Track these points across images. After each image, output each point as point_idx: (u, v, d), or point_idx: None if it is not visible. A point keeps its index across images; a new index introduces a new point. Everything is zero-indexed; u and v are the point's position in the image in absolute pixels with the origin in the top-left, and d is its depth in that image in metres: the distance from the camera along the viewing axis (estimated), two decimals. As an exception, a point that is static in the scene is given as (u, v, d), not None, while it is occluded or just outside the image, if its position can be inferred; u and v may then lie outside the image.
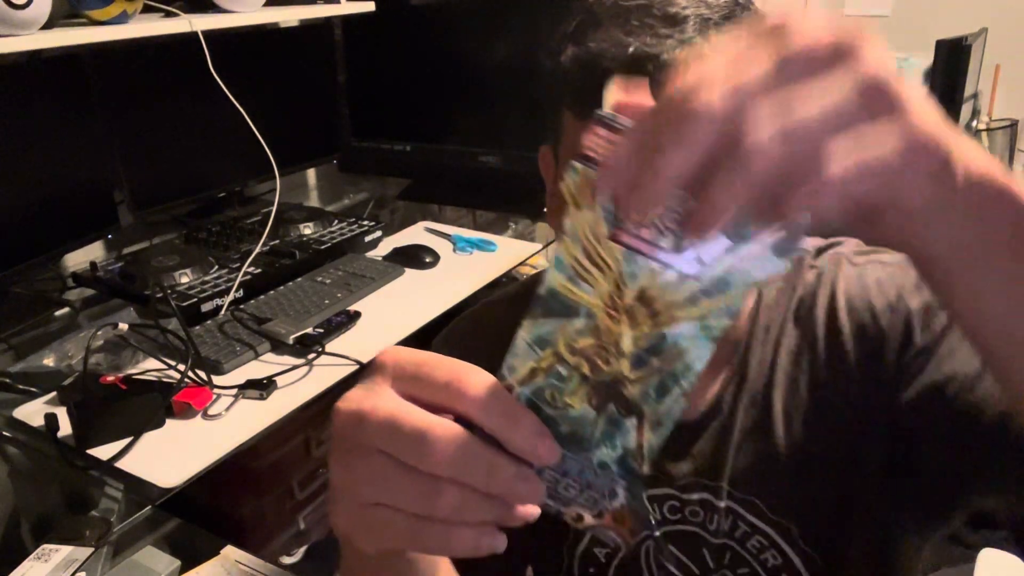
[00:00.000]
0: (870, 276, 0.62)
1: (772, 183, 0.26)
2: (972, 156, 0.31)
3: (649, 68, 0.51)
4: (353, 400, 0.34)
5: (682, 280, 0.30)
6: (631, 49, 0.52)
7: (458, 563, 0.52)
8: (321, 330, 1.31)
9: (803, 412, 0.62)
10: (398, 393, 0.34)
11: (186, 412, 1.10)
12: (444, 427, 0.32)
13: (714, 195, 0.27)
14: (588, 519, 0.35)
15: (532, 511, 0.33)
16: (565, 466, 0.34)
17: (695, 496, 0.64)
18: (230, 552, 0.91)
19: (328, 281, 1.49)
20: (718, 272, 0.30)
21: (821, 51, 0.27)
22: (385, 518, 0.33)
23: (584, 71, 0.54)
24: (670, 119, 0.27)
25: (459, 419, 0.32)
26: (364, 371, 0.34)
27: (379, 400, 0.33)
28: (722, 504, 0.63)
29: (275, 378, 1.18)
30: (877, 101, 0.27)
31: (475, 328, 0.75)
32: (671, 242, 0.30)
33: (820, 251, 0.67)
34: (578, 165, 0.30)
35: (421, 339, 1.34)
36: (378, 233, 1.73)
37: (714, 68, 0.27)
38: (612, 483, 0.34)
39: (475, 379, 0.32)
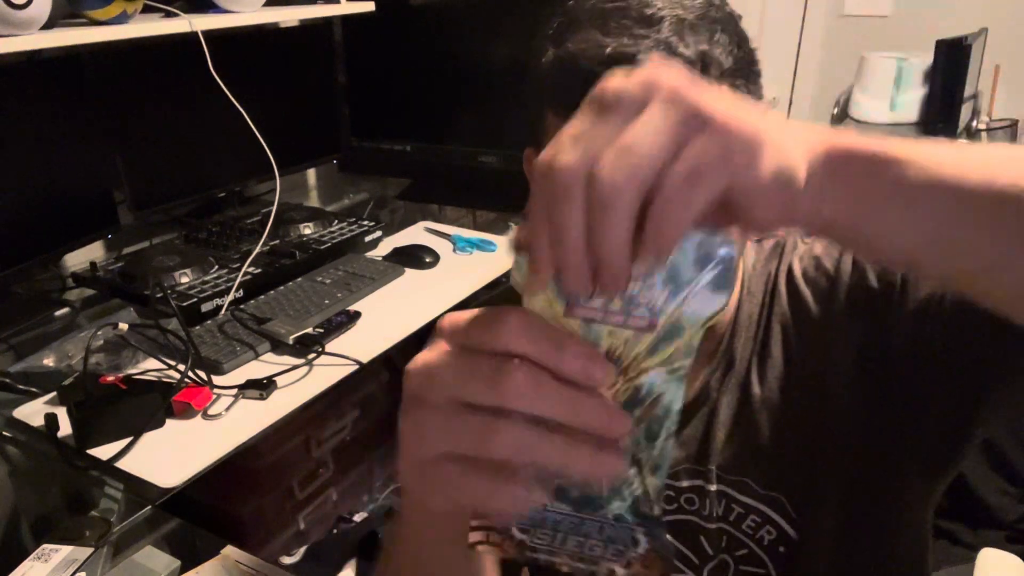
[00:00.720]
0: (817, 247, 0.65)
1: (633, 212, 0.30)
2: (800, 135, 0.33)
3: (626, 68, 0.52)
4: (420, 360, 0.36)
5: (639, 334, 0.33)
6: (608, 50, 0.53)
7: None
8: (321, 330, 1.31)
9: (778, 380, 0.64)
10: (457, 347, 0.35)
11: (186, 412, 1.10)
12: (515, 363, 0.32)
13: (598, 243, 0.30)
14: (620, 572, 0.36)
15: (613, 464, 0.33)
16: (585, 528, 0.35)
17: (687, 483, 0.65)
18: (230, 552, 0.91)
19: (328, 281, 1.49)
20: (669, 320, 0.32)
21: (631, 95, 0.31)
22: (455, 471, 0.34)
23: (563, 72, 0.55)
24: (546, 193, 0.31)
25: None
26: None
27: (445, 354, 0.35)
28: (713, 488, 0.64)
29: (275, 378, 1.18)
30: (688, 117, 0.30)
31: None
32: (620, 304, 0.32)
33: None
34: (522, 257, 0.33)
35: (421, 339, 1.33)
36: (378, 233, 1.73)
37: (563, 138, 0.32)
38: (631, 532, 0.35)
39: (514, 315, 0.33)
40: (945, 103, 2.26)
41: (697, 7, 0.55)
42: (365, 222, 1.73)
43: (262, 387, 1.15)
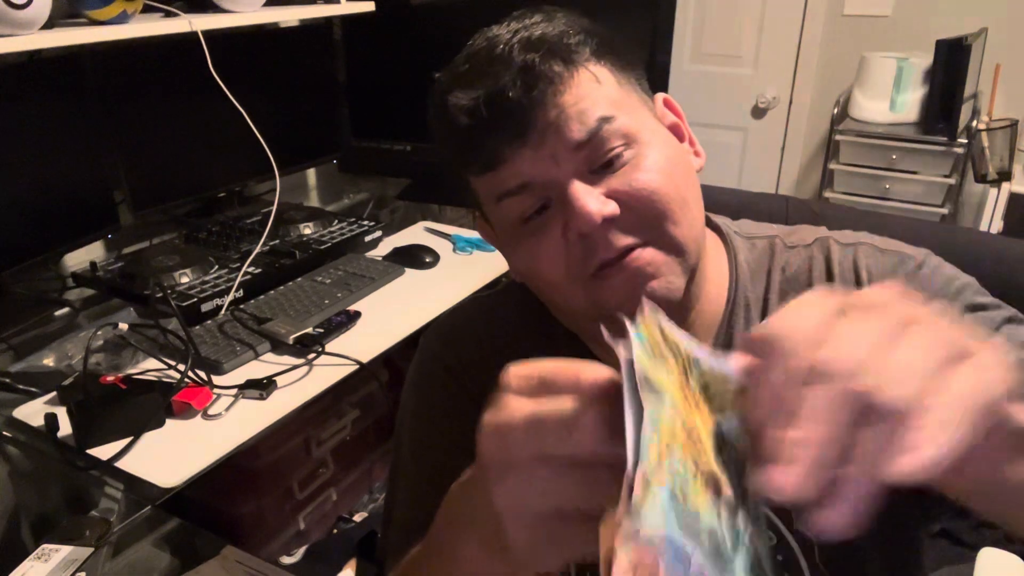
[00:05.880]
0: (862, 260, 0.64)
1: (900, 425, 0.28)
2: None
3: (492, 111, 0.56)
4: (488, 423, 0.36)
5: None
6: (473, 96, 0.56)
7: None
8: (321, 330, 1.31)
9: None
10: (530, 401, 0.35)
11: (186, 412, 1.10)
12: (585, 406, 0.33)
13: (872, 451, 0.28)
14: None
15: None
16: None
17: None
18: (230, 552, 0.91)
19: (328, 281, 1.49)
20: None
21: (905, 319, 0.30)
22: (566, 527, 0.34)
23: (449, 138, 0.59)
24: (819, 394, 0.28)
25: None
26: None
27: (511, 410, 0.35)
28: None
29: (275, 378, 1.18)
30: (957, 356, 0.29)
31: (466, 322, 0.75)
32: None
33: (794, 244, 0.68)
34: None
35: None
36: (378, 233, 1.73)
37: (843, 340, 0.29)
38: None
39: (591, 371, 0.34)
40: (945, 103, 2.26)
41: (539, 22, 0.59)
42: (365, 222, 1.73)
43: (262, 387, 1.15)
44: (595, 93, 0.57)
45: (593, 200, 0.55)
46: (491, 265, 1.63)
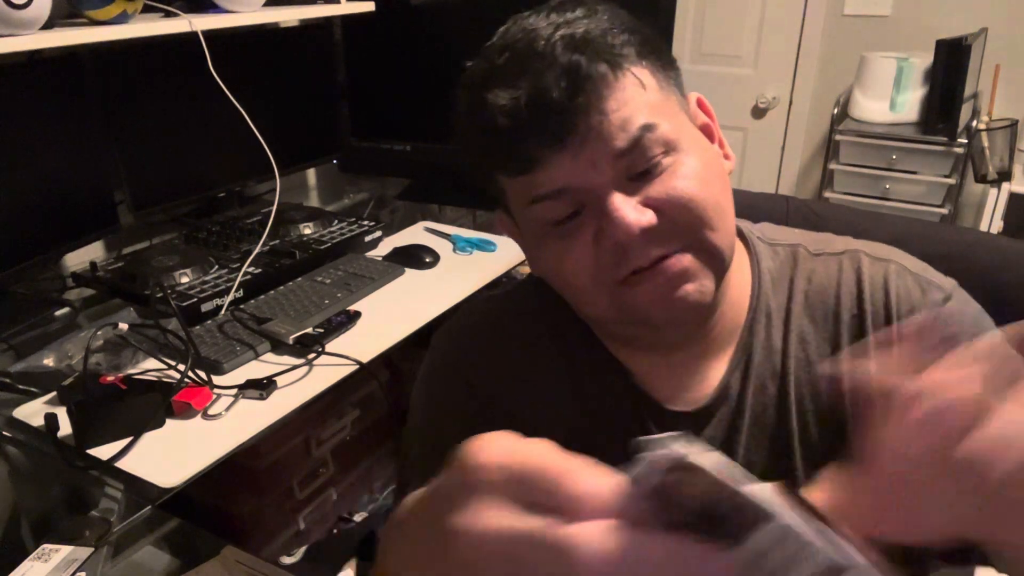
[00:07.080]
0: (892, 280, 0.64)
1: None
2: None
3: (534, 113, 0.54)
4: (469, 531, 0.31)
5: None
6: (509, 101, 0.55)
7: None
8: (321, 330, 1.31)
9: (816, 400, 0.63)
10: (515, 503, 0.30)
11: (186, 412, 1.10)
12: (598, 529, 0.28)
13: None
14: None
15: None
16: None
17: None
18: (230, 552, 0.91)
19: (328, 281, 1.49)
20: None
21: None
22: None
23: (483, 136, 0.58)
24: None
25: None
26: (453, 475, 0.32)
27: (498, 523, 0.30)
28: None
29: (275, 378, 1.18)
30: None
31: (477, 321, 0.75)
32: None
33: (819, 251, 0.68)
34: None
35: (421, 339, 1.33)
36: (378, 233, 1.72)
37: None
38: None
39: (592, 485, 0.29)
40: (945, 103, 2.26)
41: (581, 18, 0.57)
42: (365, 222, 1.73)
43: (262, 387, 1.15)
44: (638, 99, 0.56)
45: (631, 211, 0.54)
46: (491, 265, 1.63)
